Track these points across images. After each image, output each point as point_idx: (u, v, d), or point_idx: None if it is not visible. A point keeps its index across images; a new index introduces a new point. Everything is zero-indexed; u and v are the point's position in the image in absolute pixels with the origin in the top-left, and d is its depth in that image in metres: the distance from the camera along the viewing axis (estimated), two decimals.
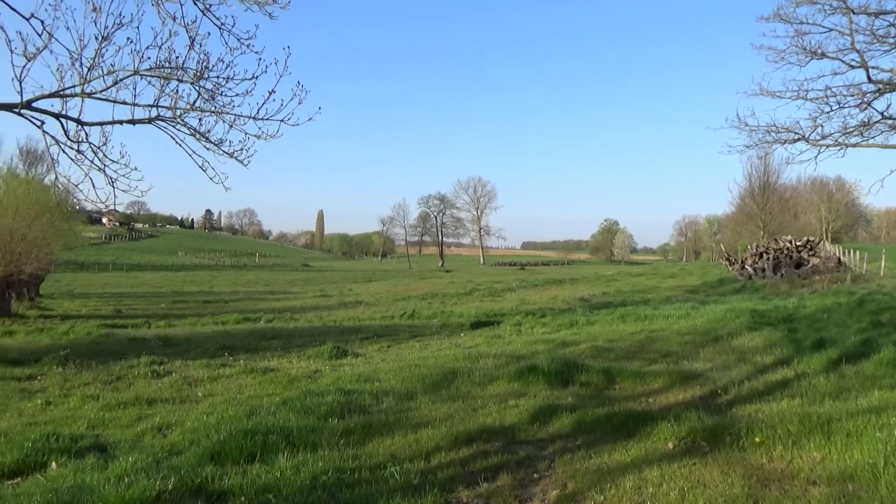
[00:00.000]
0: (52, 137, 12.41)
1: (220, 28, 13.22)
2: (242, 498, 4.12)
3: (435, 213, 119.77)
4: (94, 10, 11.71)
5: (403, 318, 23.30)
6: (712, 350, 9.91)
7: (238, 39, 13.13)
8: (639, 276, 43.89)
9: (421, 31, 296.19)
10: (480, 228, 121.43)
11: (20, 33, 11.67)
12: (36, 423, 6.77)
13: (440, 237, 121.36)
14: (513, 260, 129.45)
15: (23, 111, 12.07)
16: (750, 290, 28.42)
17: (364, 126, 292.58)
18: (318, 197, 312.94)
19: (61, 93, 12.01)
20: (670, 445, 5.13)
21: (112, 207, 14.37)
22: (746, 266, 33.47)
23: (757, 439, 5.01)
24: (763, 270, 31.62)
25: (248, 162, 13.42)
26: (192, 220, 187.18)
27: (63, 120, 12.40)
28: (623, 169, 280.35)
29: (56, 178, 15.45)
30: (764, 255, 32.77)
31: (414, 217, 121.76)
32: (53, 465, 5.03)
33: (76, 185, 12.83)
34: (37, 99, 12.08)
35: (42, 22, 11.88)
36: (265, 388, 8.62)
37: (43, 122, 12.33)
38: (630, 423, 5.69)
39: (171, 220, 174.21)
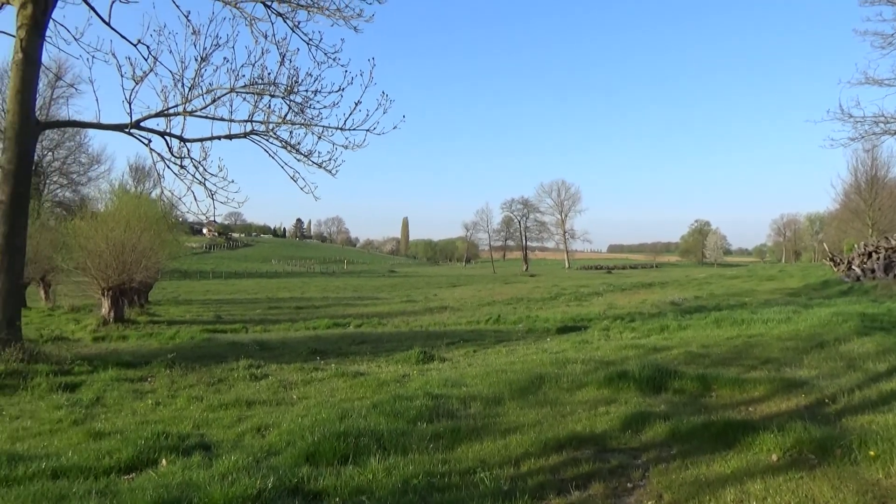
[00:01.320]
0: (158, 154, 13.35)
1: (308, 44, 13.84)
2: (337, 499, 4.23)
3: (518, 218, 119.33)
4: (194, 32, 12.52)
5: (489, 322, 23.27)
6: (817, 356, 9.30)
7: (325, 54, 13.72)
8: (734, 279, 41.86)
9: (503, 34, 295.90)
10: (565, 232, 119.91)
11: (129, 58, 12.61)
12: (147, 421, 7.21)
13: (524, 241, 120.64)
14: (599, 263, 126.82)
15: (132, 130, 13.05)
16: (858, 293, 26.51)
17: (447, 131, 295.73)
18: (402, 204, 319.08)
19: (165, 112, 12.90)
20: (774, 457, 4.85)
21: (212, 218, 15.24)
22: (853, 267, 31.25)
23: (871, 453, 4.66)
24: (872, 271, 29.39)
25: (336, 171, 13.95)
26: (284, 229, 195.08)
27: (167, 137, 13.32)
28: (715, 167, 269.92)
29: (162, 192, 16.52)
30: (873, 254, 30.45)
31: (497, 222, 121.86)
32: (163, 462, 5.34)
33: (180, 198, 13.69)
34: (144, 119, 13.05)
35: (148, 47, 12.84)
36: (356, 392, 8.82)
37: (150, 140, 13.30)
38: (729, 432, 5.43)
39: (265, 230, 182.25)
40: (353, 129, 13.23)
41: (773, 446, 4.99)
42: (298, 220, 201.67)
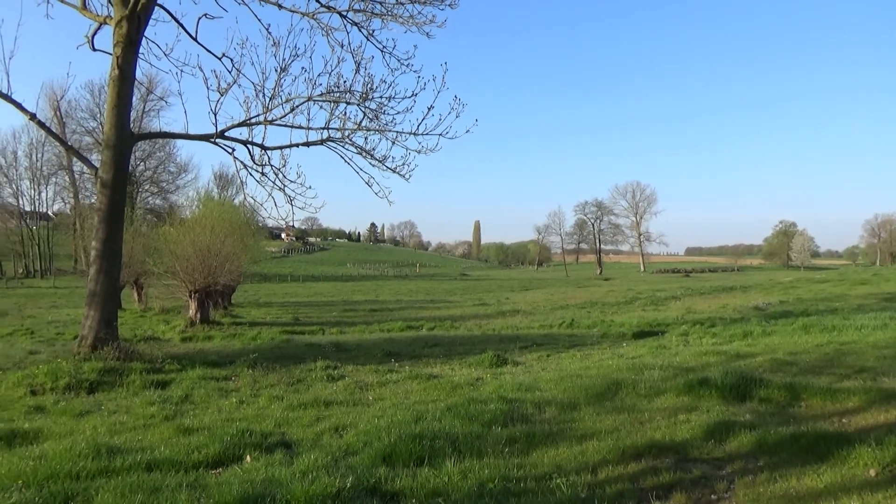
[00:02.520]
0: (241, 162, 13.90)
1: (381, 51, 14.08)
2: (413, 500, 4.28)
3: (592, 220, 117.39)
4: (274, 44, 12.97)
5: (562, 327, 22.99)
6: None
7: (398, 60, 13.93)
8: (823, 283, 39.66)
9: (576, 33, 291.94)
10: (640, 234, 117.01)
11: (215, 71, 13.20)
12: (232, 419, 7.52)
13: (597, 244, 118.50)
14: (676, 267, 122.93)
15: (217, 140, 13.64)
16: None
17: (518, 134, 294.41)
18: (474, 207, 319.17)
19: (248, 122, 13.42)
20: (872, 472, 4.56)
21: (291, 223, 15.73)
22: None
23: None
24: None
25: (410, 176, 14.12)
26: (359, 233, 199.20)
27: (249, 146, 13.84)
28: (800, 165, 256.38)
29: (245, 198, 17.21)
30: None
31: (570, 224, 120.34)
32: (248, 458, 5.55)
33: (261, 204, 14.22)
34: (229, 128, 13.61)
35: (231, 60, 13.40)
36: (429, 394, 8.90)
37: (234, 149, 13.86)
38: (821, 444, 5.15)
39: (340, 234, 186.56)
40: (426, 134, 13.37)
41: (871, 461, 4.70)
42: (372, 225, 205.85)
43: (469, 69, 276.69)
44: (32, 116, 12.81)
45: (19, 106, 12.36)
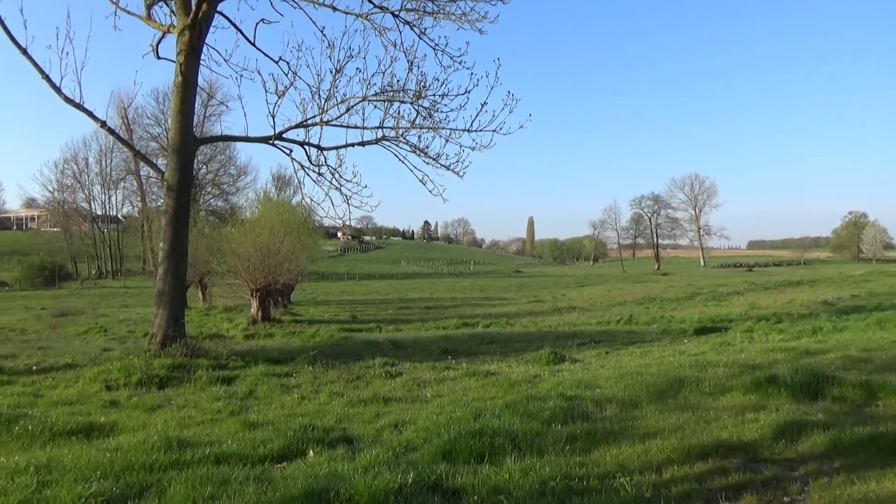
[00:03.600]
0: (299, 163, 14.18)
1: (434, 49, 14.12)
2: (475, 497, 4.27)
3: (649, 215, 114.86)
4: (329, 46, 13.18)
5: (620, 323, 22.61)
6: None
7: (451, 58, 13.93)
8: None
9: (630, 25, 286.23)
10: (699, 228, 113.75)
11: (272, 75, 13.50)
12: (294, 414, 7.68)
13: (655, 239, 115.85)
14: (738, 261, 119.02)
15: (275, 142, 13.95)
16: None
17: (572, 128, 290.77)
18: (527, 203, 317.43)
19: (304, 123, 13.67)
20: None
21: (347, 222, 15.97)
22: None
23: None
24: None
25: (464, 173, 14.13)
26: (413, 231, 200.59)
27: (306, 147, 14.11)
28: (871, 153, 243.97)
29: (302, 198, 17.58)
30: None
31: (626, 219, 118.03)
32: (311, 453, 5.67)
33: (318, 204, 14.46)
34: (286, 130, 13.91)
35: (288, 63, 13.67)
36: (487, 391, 8.89)
37: (291, 150, 14.15)
38: None
39: (394, 233, 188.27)
40: (480, 131, 13.35)
41: None
42: (426, 223, 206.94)
43: (522, 62, 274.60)
44: (103, 124, 13.39)
45: (91, 114, 12.94)
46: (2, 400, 8.73)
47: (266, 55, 13.91)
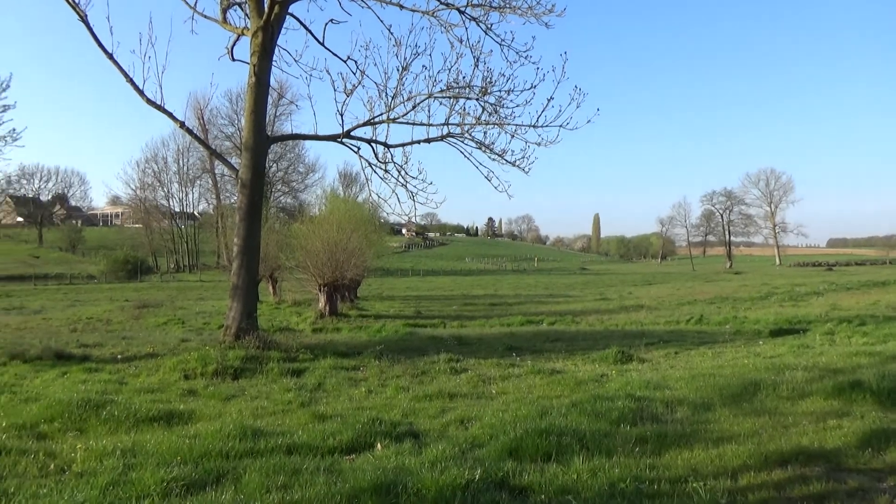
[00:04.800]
0: (366, 160, 14.42)
1: (500, 44, 14.08)
2: (542, 496, 4.24)
3: (720, 211, 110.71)
4: (396, 44, 13.33)
5: (690, 323, 21.95)
6: None
7: (517, 52, 13.86)
8: None
9: (696, 11, 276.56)
10: (775, 225, 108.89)
11: (341, 74, 13.72)
12: (362, 408, 7.82)
13: (727, 236, 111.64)
14: (816, 260, 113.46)
15: (343, 140, 14.22)
16: None
17: (640, 123, 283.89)
18: (593, 200, 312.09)
19: (372, 121, 13.87)
20: None
21: (413, 218, 16.13)
22: None
23: None
24: None
25: (530, 169, 14.04)
26: (477, 227, 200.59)
27: (373, 144, 14.32)
28: None
29: (370, 195, 17.89)
30: None
31: (696, 216, 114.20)
32: (378, 446, 5.76)
33: (385, 200, 14.66)
34: (354, 128, 14.14)
35: (356, 62, 13.91)
36: (553, 390, 8.80)
37: (359, 148, 14.39)
38: None
39: (458, 229, 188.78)
40: (546, 126, 13.22)
41: None
42: (490, 219, 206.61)
43: (589, 56, 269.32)
44: (182, 124, 13.99)
45: (171, 115, 13.54)
46: (91, 386, 9.27)
47: (335, 54, 14.21)
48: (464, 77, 13.35)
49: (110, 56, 12.57)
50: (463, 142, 13.83)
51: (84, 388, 8.93)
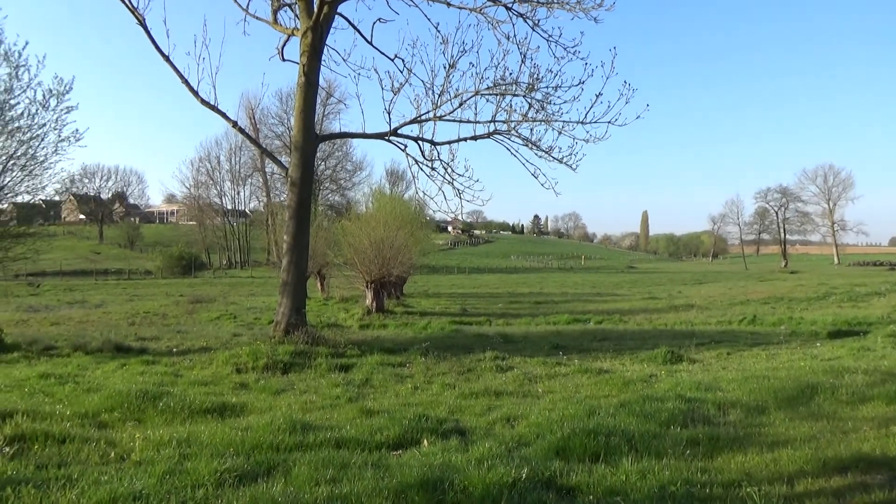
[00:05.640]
0: (413, 158, 14.50)
1: (547, 40, 13.96)
2: (591, 497, 4.19)
3: (775, 208, 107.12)
4: (443, 42, 13.35)
5: (742, 323, 21.36)
6: None
7: (564, 48, 13.71)
8: None
9: (748, 7, 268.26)
10: (833, 223, 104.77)
11: (388, 72, 13.86)
12: (408, 404, 7.88)
13: (782, 234, 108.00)
14: (878, 259, 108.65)
15: (390, 138, 14.34)
16: None
17: (690, 117, 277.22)
18: (642, 197, 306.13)
19: (418, 119, 13.94)
20: None
21: (459, 216, 16.15)
22: None
23: None
24: None
25: (577, 166, 13.88)
26: (522, 225, 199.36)
27: (420, 142, 14.39)
28: None
29: (416, 192, 18.00)
30: None
31: (750, 213, 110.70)
32: (425, 442, 5.79)
33: (431, 198, 14.73)
34: (401, 126, 14.25)
35: (403, 60, 14.00)
36: (600, 389, 8.71)
37: (405, 146, 14.49)
38: None
39: (504, 227, 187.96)
40: (594, 123, 13.05)
41: None
42: (536, 217, 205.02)
43: (638, 49, 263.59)
44: (235, 124, 14.33)
45: (224, 115, 13.90)
46: (148, 378, 9.60)
47: (382, 53, 14.33)
48: (511, 74, 13.30)
49: (167, 58, 12.96)
50: (509, 139, 13.78)
51: (142, 380, 9.24)
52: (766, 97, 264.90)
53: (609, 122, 12.95)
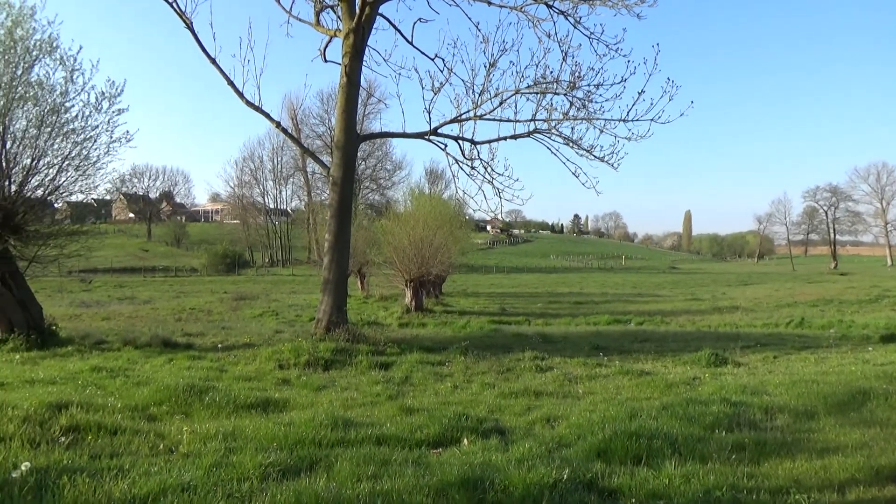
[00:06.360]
0: (453, 157, 14.53)
1: (589, 38, 13.83)
2: (633, 500, 4.14)
3: (825, 208, 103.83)
4: (484, 41, 13.34)
5: (790, 326, 20.80)
6: None
7: (606, 46, 13.57)
8: None
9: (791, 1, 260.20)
10: (886, 223, 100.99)
11: (429, 72, 13.92)
12: (448, 402, 7.90)
13: (832, 235, 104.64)
14: None
15: (430, 137, 14.40)
16: None
17: (736, 113, 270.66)
18: (684, 196, 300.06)
19: (458, 118, 13.96)
20: None
21: (499, 215, 16.12)
22: None
23: None
24: None
25: (619, 165, 13.72)
26: (562, 224, 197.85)
27: (460, 141, 14.41)
28: None
29: (456, 191, 18.09)
30: None
31: (797, 213, 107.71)
32: (465, 441, 5.81)
33: (471, 197, 14.75)
34: (441, 126, 14.29)
35: (443, 60, 14.03)
36: (642, 391, 8.60)
37: (446, 145, 14.53)
38: None
39: (543, 226, 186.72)
40: (637, 120, 12.88)
41: None
42: (576, 216, 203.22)
43: (682, 45, 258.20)
44: (278, 125, 14.58)
45: (268, 116, 14.16)
46: (194, 373, 9.84)
47: (423, 53, 14.40)
48: (551, 72, 13.21)
49: (213, 61, 13.26)
50: (550, 138, 13.69)
51: (188, 375, 9.48)
52: (815, 92, 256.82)
53: (652, 120, 12.77)
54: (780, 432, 5.88)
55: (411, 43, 14.51)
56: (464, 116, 13.71)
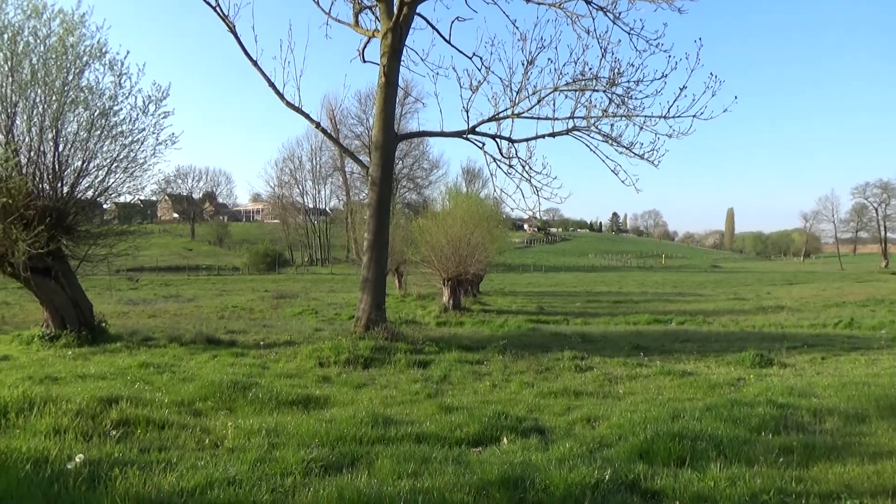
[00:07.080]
0: (490, 156, 14.51)
1: (628, 34, 13.65)
2: (677, 502, 4.08)
3: (875, 205, 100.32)
4: (522, 38, 13.29)
5: (838, 326, 20.18)
6: None
7: (646, 41, 13.38)
8: None
9: None
10: None
11: (466, 71, 13.86)
12: (487, 401, 7.90)
13: (883, 233, 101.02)
14: None
15: (468, 136, 14.40)
16: None
17: (780, 108, 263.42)
18: (727, 194, 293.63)
19: (496, 117, 13.93)
20: None
21: (537, 214, 16.04)
22: None
23: None
24: None
25: (659, 162, 13.52)
26: (601, 223, 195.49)
27: (498, 140, 14.37)
28: None
29: (494, 190, 18.04)
30: None
31: (846, 210, 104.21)
32: (505, 440, 5.80)
33: (509, 195, 14.70)
34: (479, 124, 14.28)
35: (481, 58, 14.02)
36: (684, 392, 8.45)
37: (483, 144, 14.51)
38: None
39: (581, 224, 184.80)
40: (678, 117, 12.67)
41: None
42: (614, 214, 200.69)
43: (725, 39, 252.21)
44: (318, 125, 14.78)
45: (308, 117, 14.36)
46: (237, 370, 10.05)
47: (460, 52, 14.41)
48: (590, 69, 13.08)
49: (255, 63, 13.50)
50: (589, 135, 13.55)
51: (232, 371, 9.68)
52: (865, 84, 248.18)
53: (694, 116, 12.54)
54: (829, 436, 5.72)
55: (449, 42, 14.54)
56: (501, 115, 13.67)
